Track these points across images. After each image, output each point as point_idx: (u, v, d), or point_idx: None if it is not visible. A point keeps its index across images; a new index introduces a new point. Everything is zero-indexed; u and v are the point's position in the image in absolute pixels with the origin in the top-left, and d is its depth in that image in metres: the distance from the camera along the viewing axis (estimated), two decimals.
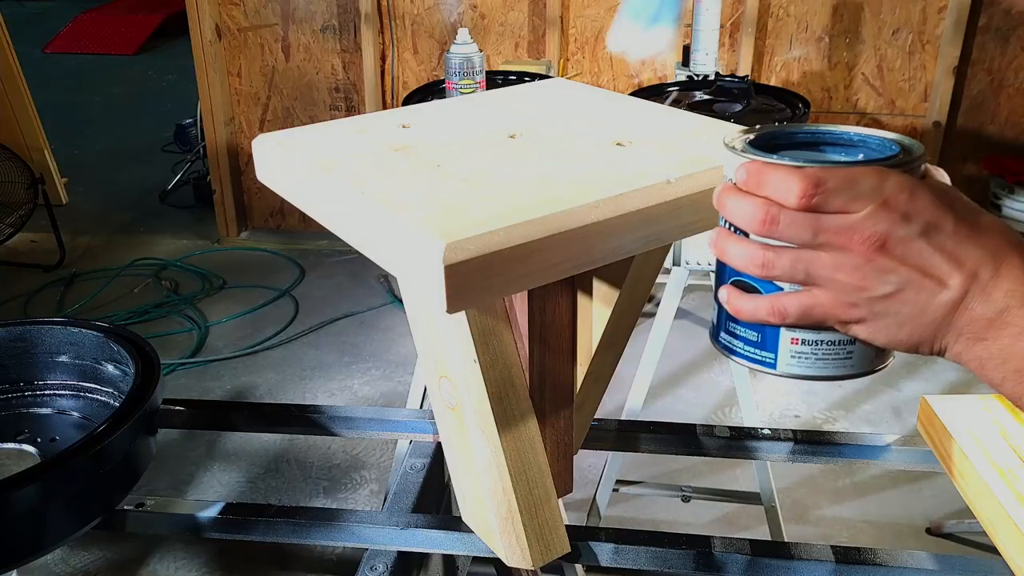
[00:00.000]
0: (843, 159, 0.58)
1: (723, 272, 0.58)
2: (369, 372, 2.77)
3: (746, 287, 0.56)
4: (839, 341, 0.55)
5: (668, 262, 1.77)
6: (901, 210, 0.49)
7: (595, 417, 1.06)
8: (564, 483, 0.95)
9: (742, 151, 0.55)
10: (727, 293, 0.56)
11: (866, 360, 0.56)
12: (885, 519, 2.12)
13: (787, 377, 0.57)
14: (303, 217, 2.58)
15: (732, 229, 0.55)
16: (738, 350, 0.59)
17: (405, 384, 2.64)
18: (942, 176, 0.55)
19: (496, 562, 0.95)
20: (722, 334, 0.60)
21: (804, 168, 0.50)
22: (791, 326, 0.55)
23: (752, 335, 0.58)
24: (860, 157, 0.58)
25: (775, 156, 0.54)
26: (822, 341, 0.55)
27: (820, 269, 0.51)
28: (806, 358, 0.56)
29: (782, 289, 0.54)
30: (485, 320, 0.78)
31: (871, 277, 0.50)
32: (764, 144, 0.57)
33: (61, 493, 0.88)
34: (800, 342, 0.56)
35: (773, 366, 0.57)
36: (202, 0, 3.30)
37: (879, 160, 0.54)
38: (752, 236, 0.53)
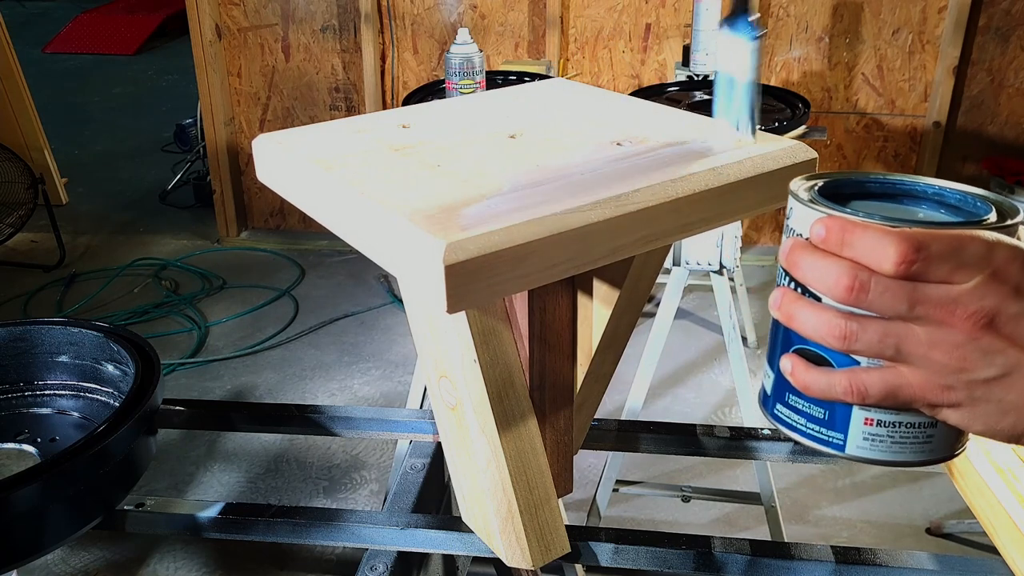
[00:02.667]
0: (925, 215, 0.52)
1: (783, 338, 0.51)
2: (369, 372, 2.77)
3: (813, 357, 0.49)
4: (920, 424, 0.49)
5: (668, 262, 1.77)
6: (1013, 283, 0.43)
7: (595, 417, 1.06)
8: (564, 483, 0.95)
9: (810, 201, 0.49)
10: (792, 364, 0.49)
11: (947, 444, 0.50)
12: (885, 519, 2.12)
13: (856, 460, 0.51)
14: (303, 217, 2.58)
15: (799, 289, 0.48)
16: (799, 427, 0.52)
17: (405, 384, 2.64)
18: None
19: (496, 562, 0.95)
20: (778, 406, 0.53)
21: (902, 230, 0.44)
22: (869, 406, 0.49)
23: (818, 412, 0.51)
24: (941, 213, 0.52)
25: (848, 210, 0.48)
26: (900, 423, 0.49)
27: (913, 345, 0.45)
28: (880, 441, 0.50)
29: (858, 363, 0.47)
30: (485, 320, 0.78)
31: (974, 358, 0.44)
32: (831, 194, 0.51)
33: (61, 493, 0.88)
34: (875, 423, 0.49)
35: (841, 448, 0.51)
36: (202, 0, 3.30)
37: (977, 222, 0.48)
38: (826, 300, 0.46)
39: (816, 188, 0.52)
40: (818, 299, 0.47)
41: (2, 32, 3.74)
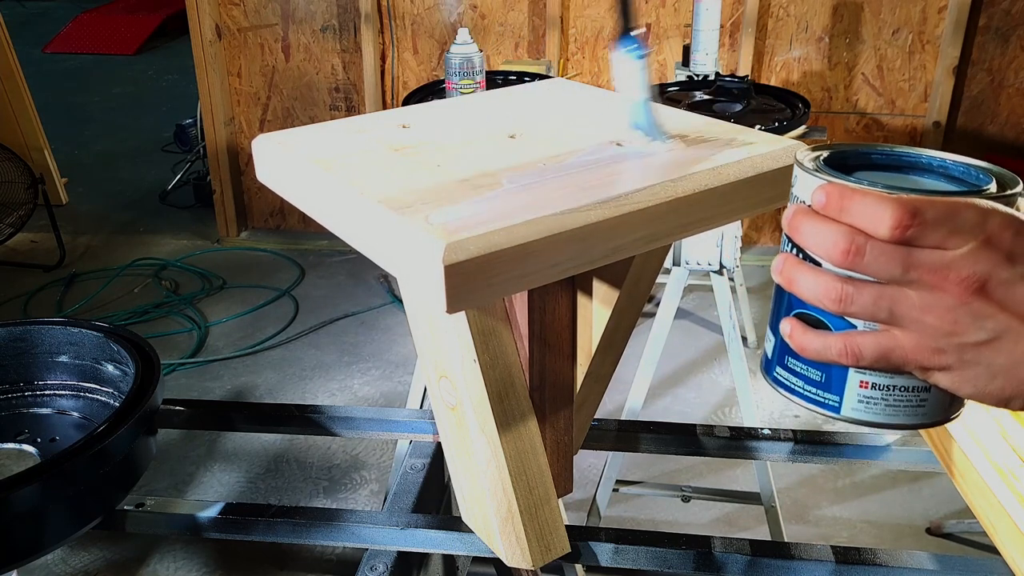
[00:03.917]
0: (928, 186, 0.53)
1: (785, 302, 0.52)
2: (369, 372, 2.77)
3: (812, 321, 0.50)
4: (913, 387, 0.50)
5: (668, 262, 1.77)
6: (1005, 250, 0.44)
7: (595, 417, 1.06)
8: (564, 483, 0.95)
9: (815, 170, 0.50)
10: (791, 327, 0.50)
11: (940, 408, 0.51)
12: (885, 519, 2.12)
13: (851, 422, 0.52)
14: (303, 217, 2.58)
15: (800, 255, 0.49)
16: (797, 389, 0.54)
17: (405, 384, 2.64)
18: None
19: (496, 562, 0.95)
20: (778, 369, 0.55)
21: (898, 196, 0.45)
22: (863, 368, 0.50)
23: (815, 374, 0.52)
24: (944, 183, 0.53)
25: (851, 179, 0.49)
26: (895, 386, 0.50)
27: (906, 309, 0.46)
28: (875, 404, 0.51)
29: (855, 327, 0.49)
30: (485, 320, 0.78)
31: (965, 322, 0.45)
32: (837, 164, 0.52)
33: (61, 493, 0.88)
34: (870, 386, 0.51)
35: (836, 410, 0.52)
36: (202, 0, 3.30)
37: (976, 191, 0.49)
38: (826, 265, 0.48)
39: (821, 158, 0.53)
40: (819, 264, 0.48)
41: (2, 32, 3.74)
